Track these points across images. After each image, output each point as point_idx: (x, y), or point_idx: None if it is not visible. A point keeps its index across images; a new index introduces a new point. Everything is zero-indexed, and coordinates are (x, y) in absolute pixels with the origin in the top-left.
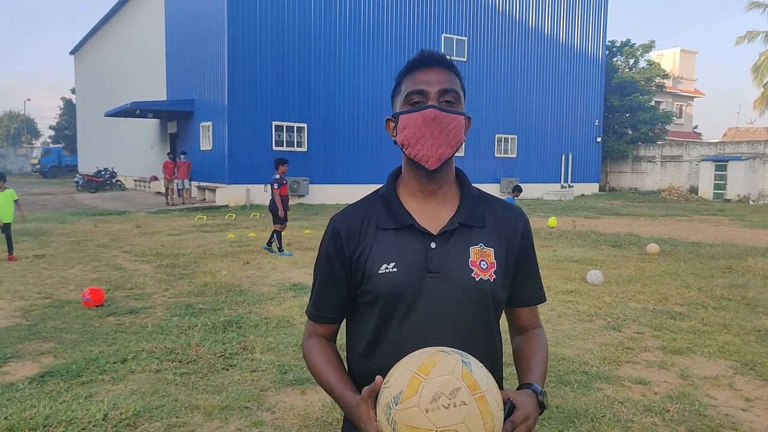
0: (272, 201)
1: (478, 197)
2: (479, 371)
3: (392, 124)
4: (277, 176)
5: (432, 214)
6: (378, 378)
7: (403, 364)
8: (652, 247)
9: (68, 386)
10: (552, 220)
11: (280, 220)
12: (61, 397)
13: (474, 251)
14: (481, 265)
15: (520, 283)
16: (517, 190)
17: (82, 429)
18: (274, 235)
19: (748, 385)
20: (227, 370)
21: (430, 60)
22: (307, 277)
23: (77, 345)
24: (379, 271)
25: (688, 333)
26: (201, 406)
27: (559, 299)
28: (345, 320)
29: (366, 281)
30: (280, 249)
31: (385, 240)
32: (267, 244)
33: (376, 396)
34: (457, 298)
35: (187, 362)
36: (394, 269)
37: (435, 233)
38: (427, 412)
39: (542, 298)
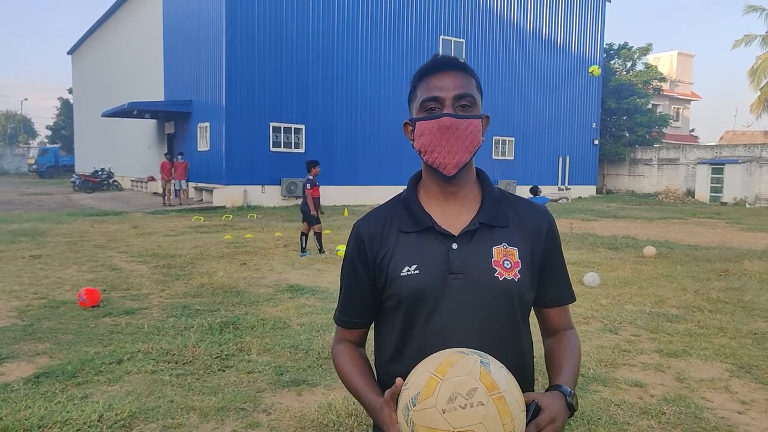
0: (304, 202)
1: (500, 197)
2: (498, 372)
3: (410, 128)
4: (311, 177)
5: (453, 215)
6: (398, 380)
7: (422, 366)
8: (649, 250)
9: (63, 387)
10: (596, 70)
11: (314, 221)
12: (57, 398)
13: (497, 251)
14: (505, 265)
15: (547, 282)
16: (535, 190)
17: (77, 430)
18: (315, 237)
19: (744, 388)
20: (223, 371)
21: (444, 64)
22: (303, 279)
23: (73, 346)
24: (401, 274)
25: (685, 336)
26: (197, 408)
27: None
28: (373, 327)
29: (389, 285)
30: (303, 249)
31: (407, 243)
32: (319, 251)
33: (398, 398)
34: (481, 298)
35: (183, 363)
36: (416, 271)
37: (456, 234)
38: (443, 412)
39: (572, 298)
